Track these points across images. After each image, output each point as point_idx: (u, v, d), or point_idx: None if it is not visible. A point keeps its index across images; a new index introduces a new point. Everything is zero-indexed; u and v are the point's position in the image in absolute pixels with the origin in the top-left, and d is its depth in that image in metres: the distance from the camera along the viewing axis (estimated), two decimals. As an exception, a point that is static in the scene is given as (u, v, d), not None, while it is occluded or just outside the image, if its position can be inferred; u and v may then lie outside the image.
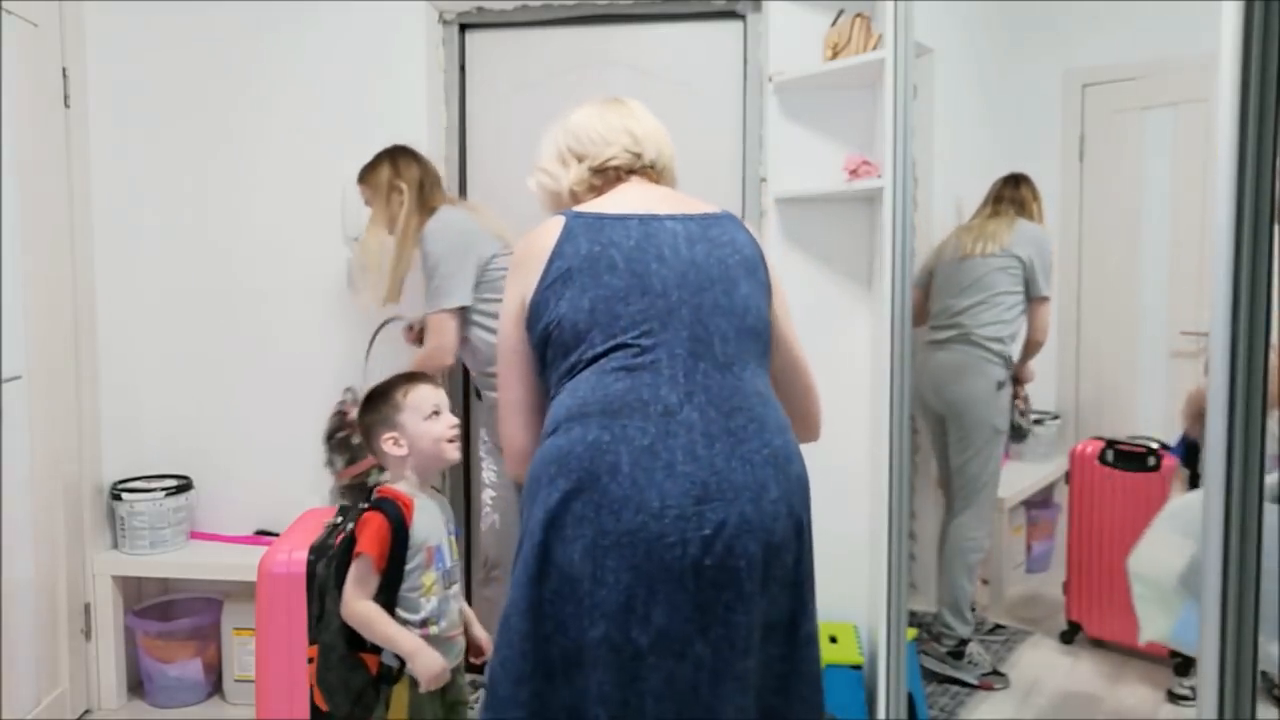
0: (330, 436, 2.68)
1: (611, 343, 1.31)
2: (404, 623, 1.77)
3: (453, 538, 1.89)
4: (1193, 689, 2.45)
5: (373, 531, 1.76)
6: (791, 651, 1.31)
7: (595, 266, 1.34)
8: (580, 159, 1.51)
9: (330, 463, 2.66)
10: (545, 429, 1.34)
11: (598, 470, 1.24)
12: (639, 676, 1.23)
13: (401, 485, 1.84)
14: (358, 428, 2.01)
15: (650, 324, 1.31)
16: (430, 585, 1.80)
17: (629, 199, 1.45)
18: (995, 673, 2.67)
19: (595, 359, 1.32)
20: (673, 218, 1.41)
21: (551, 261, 1.37)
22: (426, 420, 1.83)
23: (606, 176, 1.50)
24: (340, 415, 2.67)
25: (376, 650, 1.80)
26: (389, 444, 1.84)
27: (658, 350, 1.29)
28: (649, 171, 1.51)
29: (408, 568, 1.78)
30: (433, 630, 1.79)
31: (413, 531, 1.78)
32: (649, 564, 1.21)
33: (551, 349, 1.36)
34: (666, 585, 1.21)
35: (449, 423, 1.86)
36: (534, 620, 1.26)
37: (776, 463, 1.28)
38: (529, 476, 1.33)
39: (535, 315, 1.37)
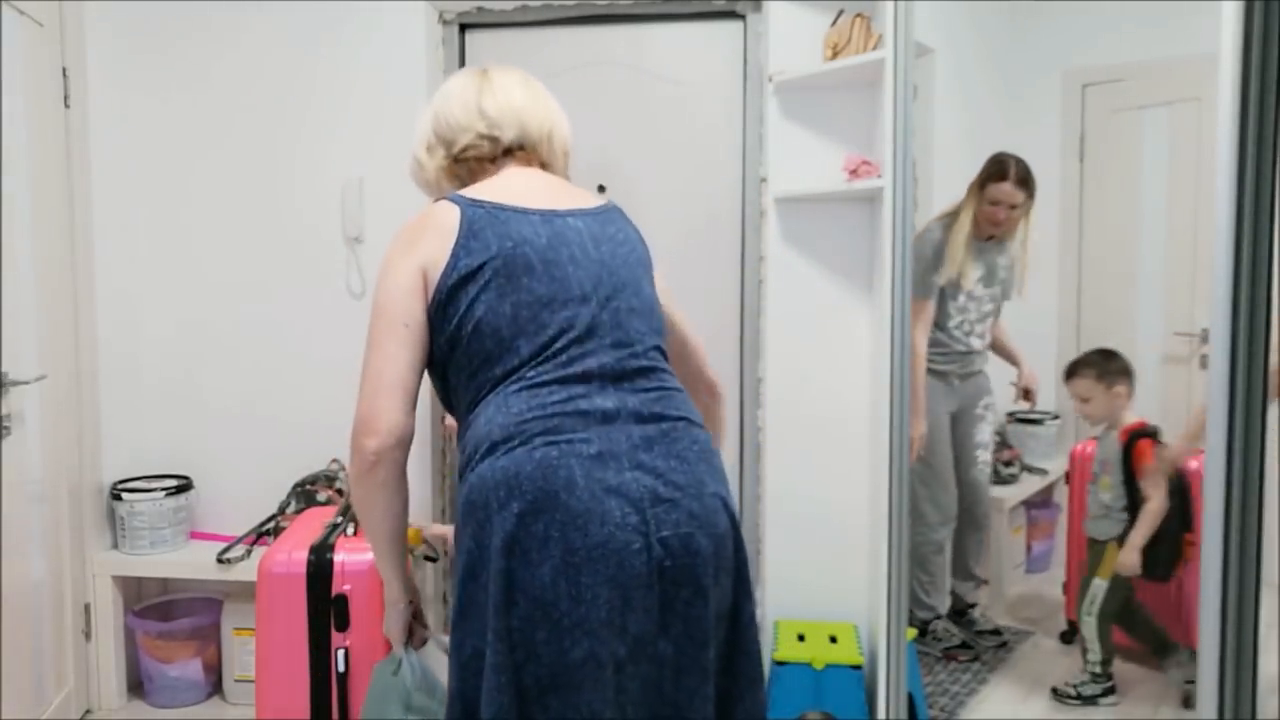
0: (300, 484, 2.73)
1: (541, 353, 1.28)
2: None
3: None
4: (1075, 687, 2.52)
5: None
6: (735, 634, 1.34)
7: (511, 267, 1.29)
8: (441, 144, 1.44)
9: (285, 505, 2.71)
10: (478, 448, 1.27)
11: (554, 487, 1.20)
12: (621, 688, 1.23)
13: None
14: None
15: (577, 331, 1.29)
16: None
17: (513, 188, 1.37)
18: (964, 645, 2.73)
19: (522, 369, 1.28)
20: (573, 214, 1.37)
21: (456, 254, 1.30)
22: None
23: (469, 166, 1.44)
24: (322, 475, 2.73)
25: None
26: None
27: (587, 359, 1.28)
28: (519, 154, 1.44)
29: None
30: None
31: None
32: (622, 574, 1.20)
33: (465, 353, 1.31)
34: (638, 591, 1.22)
35: None
36: (507, 650, 1.20)
37: (706, 457, 1.32)
38: (468, 501, 1.26)
39: (442, 310, 1.31)
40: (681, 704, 1.27)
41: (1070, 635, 2.82)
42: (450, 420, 2.50)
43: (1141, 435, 2.49)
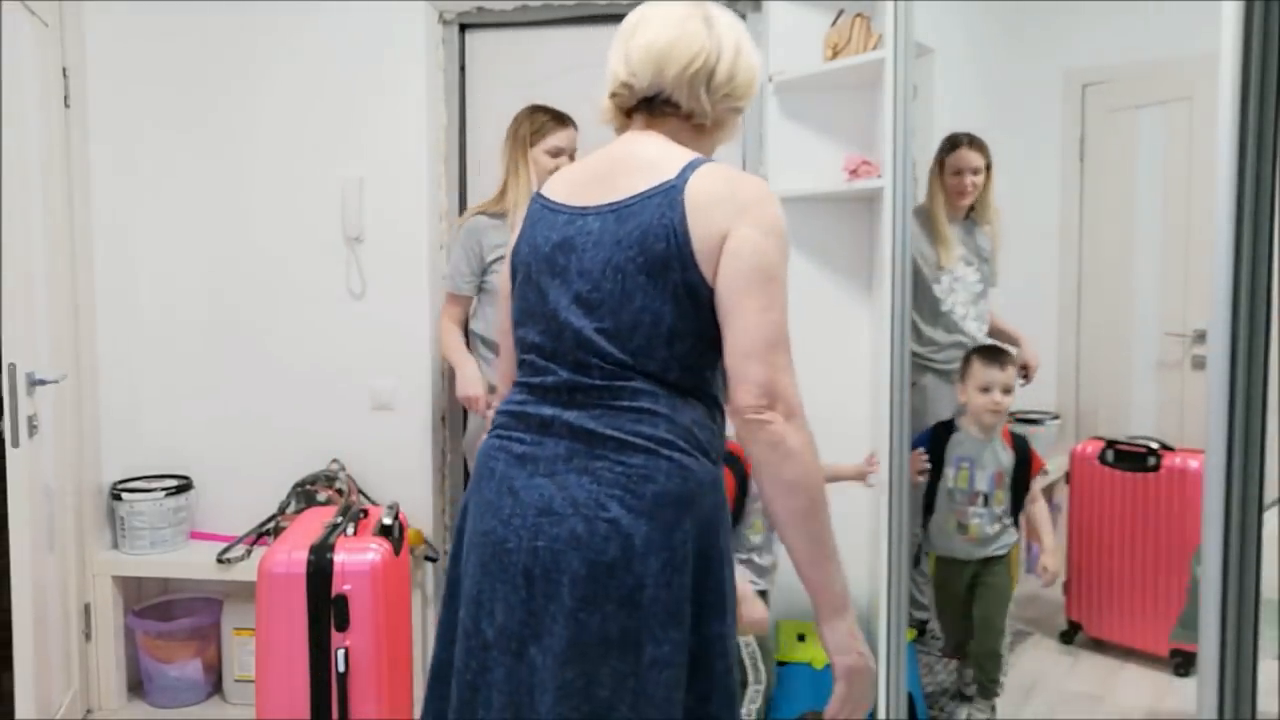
0: (300, 484, 2.73)
1: (523, 361, 1.39)
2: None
3: None
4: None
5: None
6: (639, 672, 1.24)
7: (519, 275, 1.39)
8: (607, 85, 1.40)
9: (285, 505, 2.72)
10: None
11: (481, 474, 1.36)
12: (486, 666, 1.30)
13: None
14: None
15: (545, 347, 1.34)
16: (758, 524, 2.26)
17: (586, 170, 1.39)
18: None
19: (518, 370, 1.41)
20: (600, 211, 1.31)
21: (512, 251, 1.44)
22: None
23: (620, 117, 1.40)
24: (322, 475, 2.75)
25: None
26: None
27: (546, 375, 1.33)
28: (651, 113, 1.36)
29: (745, 511, 2.20)
30: (756, 559, 2.23)
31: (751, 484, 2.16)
32: (493, 564, 1.30)
33: None
34: (504, 586, 1.28)
35: None
36: (450, 594, 1.41)
37: (628, 482, 1.25)
38: None
39: None
40: (541, 714, 1.26)
41: (1070, 635, 2.82)
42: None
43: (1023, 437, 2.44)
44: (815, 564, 1.24)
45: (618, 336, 1.28)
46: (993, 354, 2.40)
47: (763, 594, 2.27)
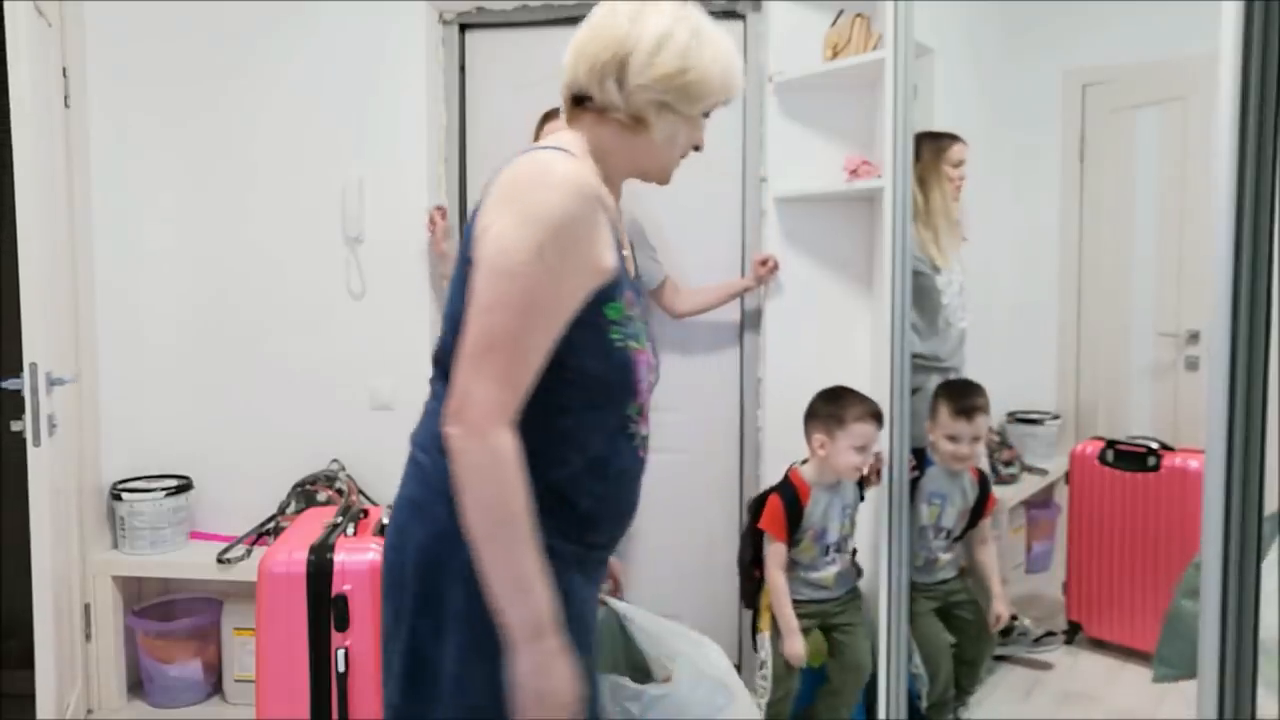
0: (300, 484, 2.73)
1: None
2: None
3: (847, 517, 2.34)
4: None
5: (771, 512, 2.26)
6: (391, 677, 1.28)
7: None
8: None
9: (285, 505, 2.72)
10: None
11: None
12: None
13: (809, 471, 2.29)
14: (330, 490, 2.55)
15: None
16: (809, 546, 2.30)
17: None
18: (1050, 633, 2.72)
19: None
20: None
21: None
22: (853, 450, 2.19)
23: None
24: (322, 475, 2.75)
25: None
26: (816, 443, 2.25)
27: None
28: (569, 112, 1.27)
29: (796, 535, 2.27)
30: (801, 574, 2.30)
31: (807, 511, 2.26)
32: None
33: None
34: None
35: (867, 460, 2.23)
36: None
37: (409, 481, 1.27)
38: None
39: None
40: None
41: (1070, 635, 2.82)
42: None
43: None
44: (493, 590, 1.10)
45: (441, 333, 1.24)
46: (962, 405, 2.34)
47: (818, 612, 2.31)
